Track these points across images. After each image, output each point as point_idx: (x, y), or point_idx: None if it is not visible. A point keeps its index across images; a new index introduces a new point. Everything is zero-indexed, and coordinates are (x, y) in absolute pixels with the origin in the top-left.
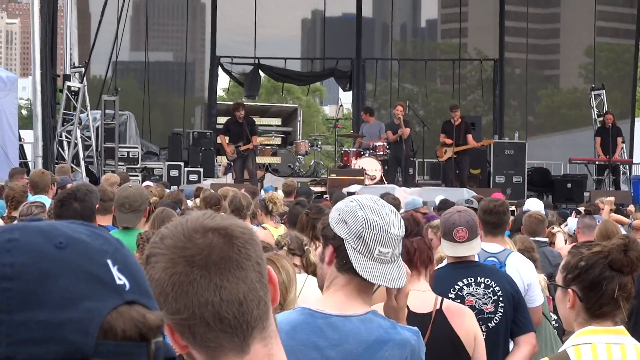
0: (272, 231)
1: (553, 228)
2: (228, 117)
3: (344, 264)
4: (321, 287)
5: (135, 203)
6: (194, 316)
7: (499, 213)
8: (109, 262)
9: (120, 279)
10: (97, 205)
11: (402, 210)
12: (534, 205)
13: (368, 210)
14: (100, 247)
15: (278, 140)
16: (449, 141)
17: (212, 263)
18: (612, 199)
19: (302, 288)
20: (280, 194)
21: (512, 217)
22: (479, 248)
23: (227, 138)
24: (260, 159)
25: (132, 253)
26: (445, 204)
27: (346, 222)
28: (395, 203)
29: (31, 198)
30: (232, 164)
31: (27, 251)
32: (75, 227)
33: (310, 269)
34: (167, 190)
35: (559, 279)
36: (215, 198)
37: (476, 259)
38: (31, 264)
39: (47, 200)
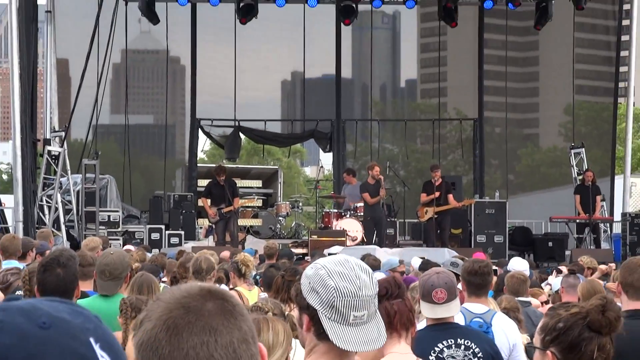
0: (245, 294)
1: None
2: (209, 180)
3: (322, 333)
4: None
5: (116, 271)
6: (187, 358)
7: (483, 274)
8: (92, 340)
9: (102, 357)
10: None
11: (380, 271)
12: (518, 264)
13: (337, 276)
14: (82, 325)
15: (259, 202)
16: (426, 197)
17: (207, 310)
18: (605, 267)
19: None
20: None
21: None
22: (458, 309)
23: (209, 201)
24: (241, 221)
25: (110, 328)
26: (426, 265)
27: (317, 292)
28: (376, 264)
29: (3, 263)
30: (213, 226)
31: (12, 332)
32: (55, 305)
33: (294, 333)
34: (149, 254)
35: (536, 340)
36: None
37: (460, 319)
38: (16, 344)
39: (18, 265)
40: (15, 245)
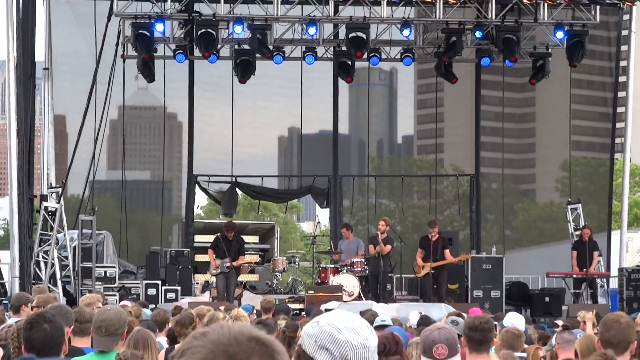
0: None
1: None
2: (218, 234)
3: None
4: None
5: (112, 327)
6: None
7: (485, 330)
8: None
9: None
10: (72, 327)
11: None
12: (514, 319)
13: (346, 331)
14: None
15: (256, 258)
16: (421, 263)
17: None
18: (592, 314)
19: None
20: (245, 312)
21: None
22: None
23: (214, 254)
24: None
25: None
26: (425, 321)
27: (327, 349)
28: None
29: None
30: (213, 280)
31: None
32: None
33: None
34: (145, 310)
35: None
36: (189, 318)
37: None
38: None
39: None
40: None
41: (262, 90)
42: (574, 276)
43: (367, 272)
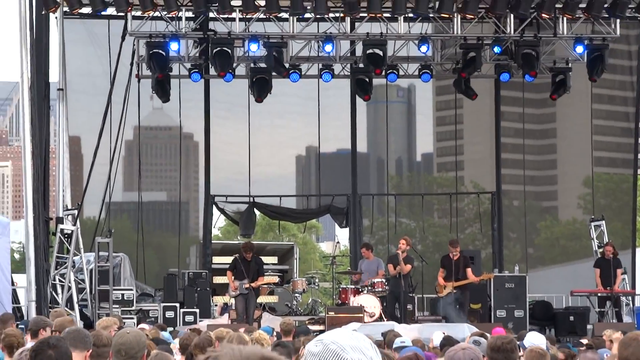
0: None
1: None
2: (236, 255)
3: None
4: None
5: (132, 350)
6: None
7: (507, 350)
8: None
9: None
10: (89, 351)
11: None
12: (534, 339)
13: (351, 350)
14: None
15: (275, 279)
16: (443, 282)
17: None
18: (619, 334)
19: None
20: (266, 334)
21: None
22: None
23: (232, 275)
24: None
25: None
26: (448, 341)
27: None
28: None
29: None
30: (233, 302)
31: None
32: None
33: None
34: (164, 333)
35: None
36: (207, 341)
37: None
38: None
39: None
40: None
41: (278, 109)
42: (599, 294)
43: (388, 291)
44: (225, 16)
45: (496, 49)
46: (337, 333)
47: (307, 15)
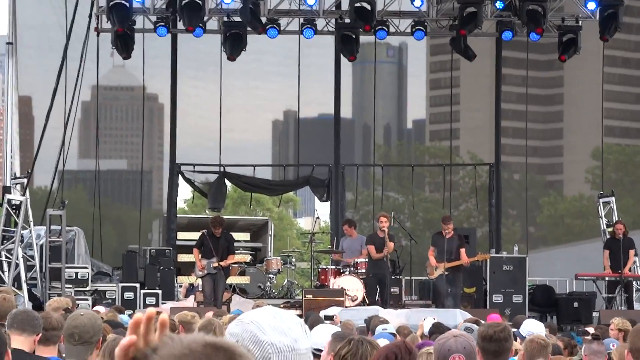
0: None
1: None
2: (204, 230)
3: None
4: None
5: (87, 334)
6: None
7: (500, 340)
8: None
9: None
10: (39, 335)
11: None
12: (532, 327)
13: (271, 330)
14: None
15: (247, 258)
16: (434, 263)
17: None
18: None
19: None
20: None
21: None
22: None
23: (199, 253)
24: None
25: None
26: (438, 329)
27: (248, 350)
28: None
29: None
30: (199, 283)
31: None
32: None
33: None
34: (122, 316)
35: None
36: (171, 326)
37: None
38: None
39: None
40: (7, 308)
41: (254, 69)
42: (607, 278)
43: (372, 273)
44: None
45: (498, 4)
46: (259, 312)
47: None
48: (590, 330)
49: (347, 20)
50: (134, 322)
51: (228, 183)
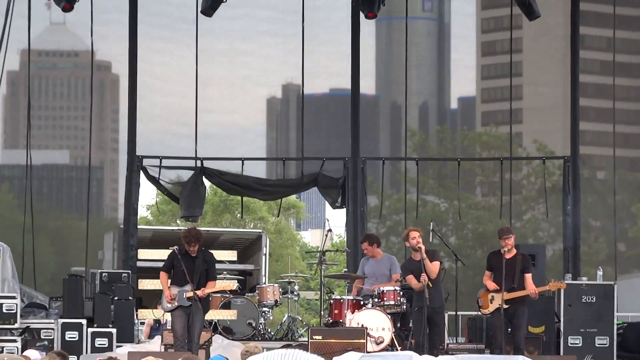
0: None
1: None
2: (174, 248)
3: None
4: None
5: None
6: None
7: None
8: None
9: None
10: None
11: None
12: None
13: None
14: None
15: (232, 285)
16: (492, 286)
17: None
18: None
19: None
20: None
21: None
22: None
23: (169, 279)
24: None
25: None
26: None
27: None
28: None
29: None
30: (167, 320)
31: None
32: None
33: None
34: None
35: None
36: None
37: None
38: None
39: None
40: None
41: (242, 27)
42: None
43: (405, 307)
44: None
45: None
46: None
47: None
48: None
49: None
50: None
51: (207, 183)
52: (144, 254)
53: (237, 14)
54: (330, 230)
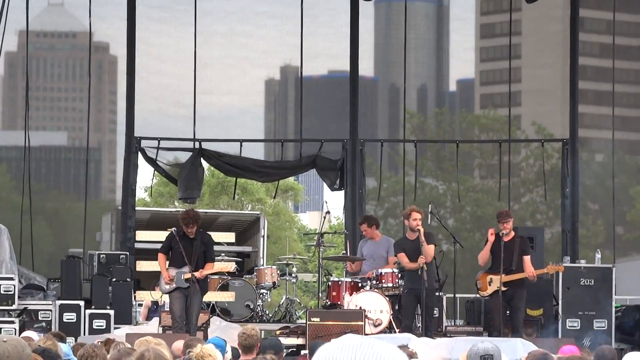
0: None
1: None
2: (172, 229)
3: None
4: None
5: None
6: None
7: None
8: None
9: None
10: None
11: None
12: None
13: None
14: None
15: (230, 267)
16: (487, 276)
17: None
18: None
19: None
20: (216, 350)
21: None
22: None
23: (166, 260)
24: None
25: None
26: None
27: None
28: None
29: None
30: (165, 301)
31: None
32: None
33: None
34: (61, 345)
35: None
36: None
37: None
38: None
39: None
40: None
41: (241, 9)
42: None
43: (403, 289)
44: None
45: None
46: (340, 345)
47: None
48: None
49: None
50: None
51: (205, 164)
52: (142, 235)
53: None
54: (328, 212)
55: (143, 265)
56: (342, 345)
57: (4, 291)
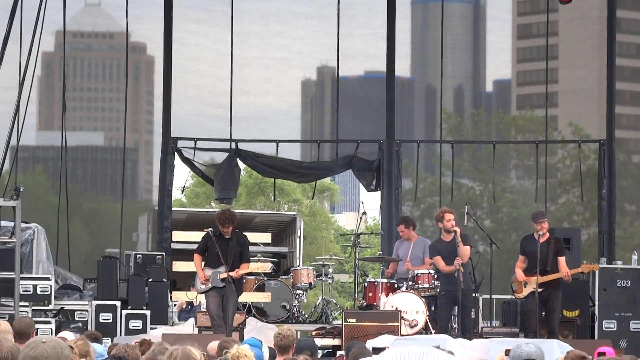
0: None
1: None
2: (208, 230)
3: None
4: None
5: None
6: None
7: None
8: None
9: None
10: None
11: None
12: None
13: None
14: None
15: (266, 267)
16: (523, 277)
17: None
18: None
19: None
20: (252, 351)
21: None
22: None
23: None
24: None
25: None
26: None
27: None
28: None
29: None
30: (196, 303)
31: None
32: None
33: None
34: (96, 346)
35: None
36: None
37: None
38: None
39: None
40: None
41: (277, 9)
42: None
43: (440, 290)
44: None
45: None
46: (401, 353)
47: None
48: None
49: None
50: None
51: (242, 165)
52: (178, 235)
53: None
54: (364, 213)
55: (179, 266)
56: (403, 352)
57: (41, 291)
